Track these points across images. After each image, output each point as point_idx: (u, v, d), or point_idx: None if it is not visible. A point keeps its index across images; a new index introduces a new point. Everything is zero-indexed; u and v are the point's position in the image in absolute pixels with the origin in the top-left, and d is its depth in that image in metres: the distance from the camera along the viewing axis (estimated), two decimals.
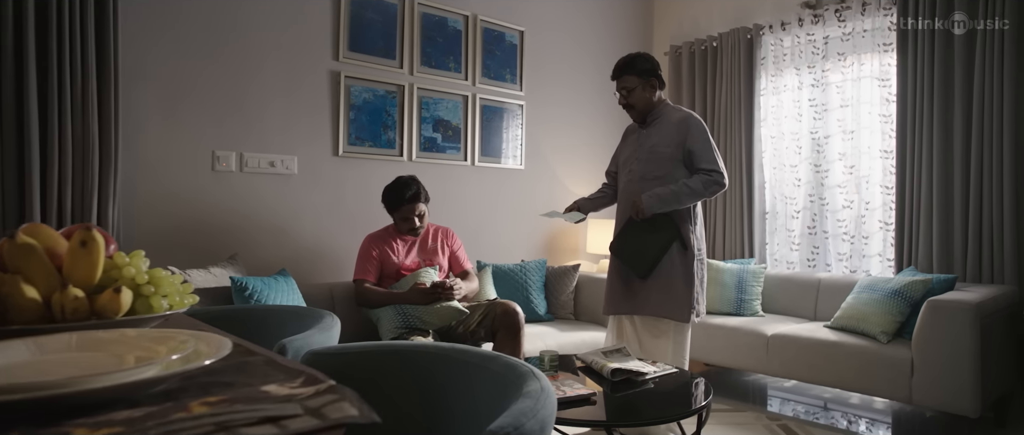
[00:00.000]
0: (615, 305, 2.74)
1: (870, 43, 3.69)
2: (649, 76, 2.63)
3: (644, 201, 2.53)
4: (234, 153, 2.96)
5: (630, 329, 2.73)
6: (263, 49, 3.03)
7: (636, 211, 2.56)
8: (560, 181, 4.23)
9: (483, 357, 1.01)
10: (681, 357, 2.65)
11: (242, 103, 2.98)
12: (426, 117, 3.62)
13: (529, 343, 3.00)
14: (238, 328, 1.36)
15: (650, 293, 2.60)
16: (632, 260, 2.62)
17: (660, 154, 2.60)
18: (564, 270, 3.59)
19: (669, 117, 2.64)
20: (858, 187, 3.73)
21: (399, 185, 2.90)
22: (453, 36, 3.71)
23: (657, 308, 2.60)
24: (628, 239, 2.64)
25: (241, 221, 2.98)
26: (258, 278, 2.54)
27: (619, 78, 2.67)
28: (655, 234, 2.58)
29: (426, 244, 3.03)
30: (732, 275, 3.71)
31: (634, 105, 2.66)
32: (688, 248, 2.60)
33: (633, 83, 2.64)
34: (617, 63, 2.70)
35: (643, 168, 2.64)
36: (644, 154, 2.65)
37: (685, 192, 2.53)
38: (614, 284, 2.75)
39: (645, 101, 2.65)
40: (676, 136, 2.58)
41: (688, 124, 2.59)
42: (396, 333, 2.69)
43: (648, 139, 2.66)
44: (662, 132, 2.62)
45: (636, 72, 2.63)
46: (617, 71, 2.69)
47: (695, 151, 2.56)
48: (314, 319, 1.38)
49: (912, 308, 2.92)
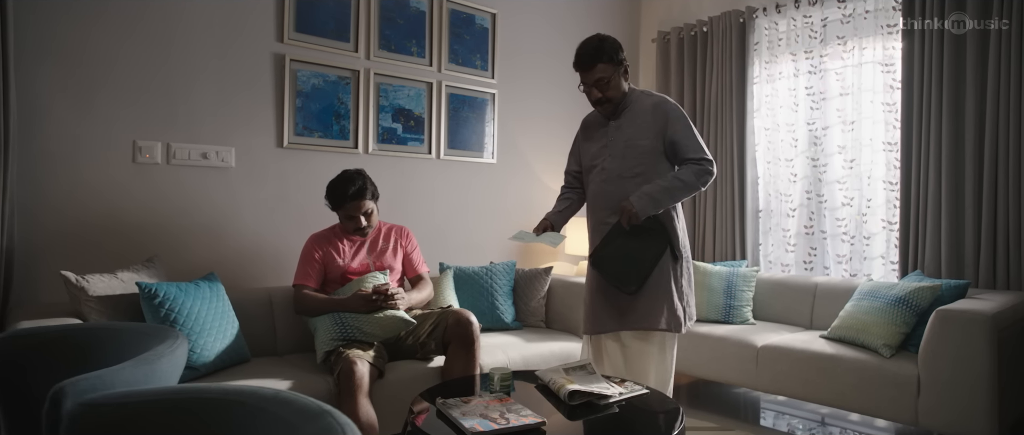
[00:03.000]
0: (600, 324, 2.31)
1: (873, 25, 3.37)
2: (620, 60, 2.24)
3: (635, 203, 2.15)
4: (159, 143, 2.65)
5: (614, 347, 2.32)
6: (194, 26, 2.72)
7: (627, 215, 2.16)
8: (537, 176, 3.92)
9: (276, 402, 0.71)
10: (667, 373, 2.31)
11: (170, 87, 2.67)
12: (385, 106, 3.30)
13: (489, 355, 2.69)
14: (65, 353, 1.05)
15: (636, 303, 2.23)
16: (621, 276, 2.22)
17: (638, 148, 2.24)
18: (535, 274, 3.27)
19: (640, 104, 2.28)
20: (859, 183, 3.41)
21: (342, 180, 2.59)
22: (415, 18, 3.40)
23: (645, 319, 2.22)
24: (611, 250, 2.23)
25: (166, 220, 2.67)
26: (175, 284, 2.23)
27: (590, 68, 2.21)
28: (643, 242, 2.20)
29: (376, 245, 2.72)
30: (721, 279, 3.39)
31: (611, 98, 2.25)
32: (678, 254, 2.27)
33: (608, 71, 2.20)
34: (582, 50, 2.22)
35: (619, 166, 2.26)
36: (619, 150, 2.27)
37: (678, 187, 2.18)
38: (596, 301, 2.32)
39: (621, 90, 2.26)
40: (653, 125, 2.23)
41: (665, 110, 2.24)
42: (332, 346, 2.37)
43: (620, 132, 2.28)
44: (637, 123, 2.26)
45: (608, 58, 2.21)
46: (586, 60, 2.21)
47: (679, 141, 2.21)
48: (147, 345, 1.07)
49: (918, 318, 2.60)
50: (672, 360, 2.33)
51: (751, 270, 3.41)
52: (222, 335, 2.28)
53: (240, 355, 2.37)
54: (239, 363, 2.37)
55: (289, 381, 2.21)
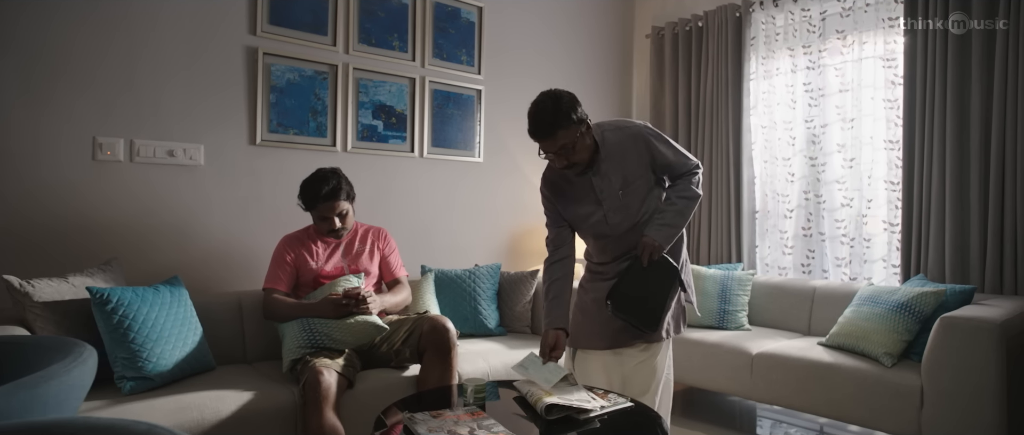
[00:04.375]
0: (591, 340, 2.09)
1: (873, 18, 3.24)
2: (580, 118, 1.88)
3: (656, 236, 1.94)
4: (122, 140, 2.52)
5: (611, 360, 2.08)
6: (160, 16, 2.59)
7: (650, 250, 1.93)
8: (525, 176, 3.78)
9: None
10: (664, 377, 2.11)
11: (133, 81, 2.54)
12: (365, 102, 3.17)
13: (470, 364, 2.56)
14: None
15: None
16: (644, 318, 1.97)
17: (635, 190, 1.99)
18: (520, 277, 3.13)
19: (616, 145, 2.00)
20: (859, 183, 3.27)
21: (316, 179, 2.47)
22: (397, 11, 3.27)
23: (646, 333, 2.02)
24: (630, 291, 1.96)
25: (129, 221, 2.54)
26: (131, 289, 2.10)
27: (551, 137, 1.86)
28: (657, 279, 1.96)
29: (352, 247, 2.59)
30: (715, 282, 3.25)
31: (579, 162, 1.95)
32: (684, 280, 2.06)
33: (571, 136, 1.87)
34: (539, 119, 1.87)
35: (627, 216, 2.00)
36: (617, 201, 2.00)
37: (687, 206, 1.99)
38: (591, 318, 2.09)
39: (587, 148, 1.95)
40: (639, 159, 1.99)
41: (644, 140, 1.99)
42: (299, 354, 2.24)
43: (608, 182, 2.00)
44: (624, 164, 1.99)
45: (568, 120, 1.85)
46: (546, 129, 1.86)
47: (670, 163, 2.00)
48: (47, 361, 0.93)
49: (921, 325, 2.46)
50: (668, 362, 2.16)
51: (747, 274, 3.28)
52: (182, 343, 2.15)
53: (203, 363, 2.24)
54: (202, 372, 2.24)
55: (252, 392, 2.08)
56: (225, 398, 2.01)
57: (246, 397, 2.05)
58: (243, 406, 2.01)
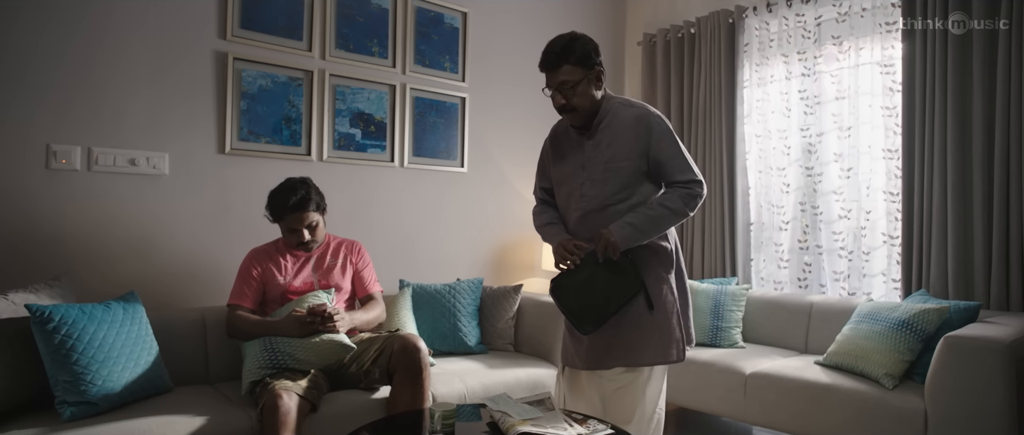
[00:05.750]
0: (571, 358, 1.99)
1: (870, 23, 3.12)
2: (593, 64, 1.89)
3: (616, 233, 1.83)
4: (78, 148, 2.39)
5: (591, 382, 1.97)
6: (122, 18, 2.47)
7: (608, 247, 1.83)
8: (512, 187, 3.65)
9: None
10: (653, 410, 1.95)
11: (91, 86, 2.42)
12: (342, 109, 3.05)
13: (445, 385, 2.42)
14: None
15: (622, 334, 1.89)
16: (581, 314, 1.88)
17: (620, 170, 1.89)
18: (503, 292, 2.99)
19: (620, 118, 1.92)
20: (857, 193, 3.14)
21: (283, 189, 2.34)
22: (377, 15, 3.15)
23: (632, 354, 1.88)
24: (578, 280, 1.88)
25: (85, 233, 2.41)
26: (77, 306, 1.96)
27: (554, 68, 1.88)
28: (614, 280, 1.85)
29: (323, 261, 2.46)
30: (708, 297, 3.11)
31: (577, 107, 1.90)
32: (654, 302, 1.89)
33: (576, 75, 1.86)
34: (548, 48, 1.89)
35: (601, 191, 1.91)
36: (599, 172, 1.91)
37: (664, 215, 1.85)
38: (572, 334, 1.99)
39: (590, 99, 1.90)
40: (635, 143, 1.89)
41: (648, 125, 1.89)
42: (259, 375, 2.10)
43: (599, 151, 1.93)
44: (618, 140, 1.90)
45: (577, 60, 1.86)
46: (552, 59, 1.87)
47: (665, 161, 1.88)
48: None
49: (924, 344, 2.32)
50: (659, 395, 2.01)
51: (741, 288, 3.14)
52: (133, 363, 2.00)
53: (158, 385, 2.10)
54: (156, 394, 2.09)
55: (205, 417, 1.94)
56: (175, 424, 1.87)
57: (198, 422, 1.91)
58: (194, 432, 1.87)
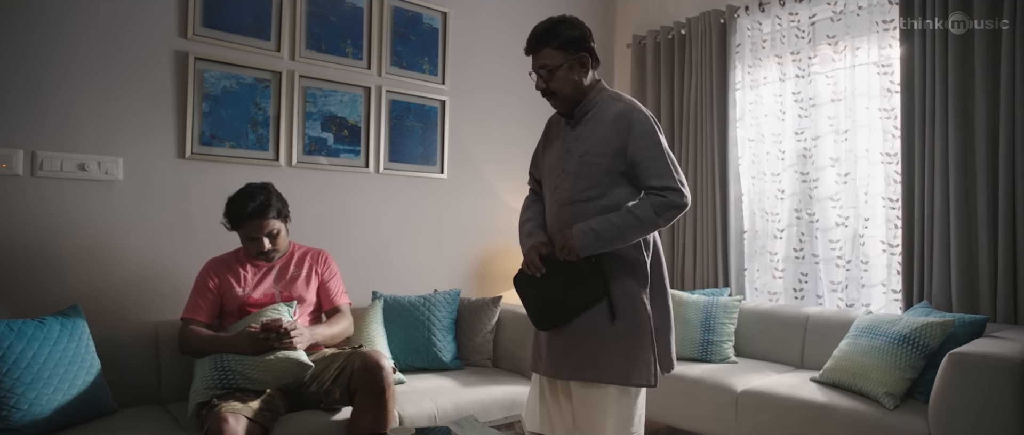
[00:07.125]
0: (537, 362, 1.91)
1: (867, 22, 2.98)
2: (577, 49, 1.82)
3: (576, 237, 1.73)
4: (21, 151, 2.24)
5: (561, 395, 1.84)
6: (71, 12, 2.33)
7: (566, 250, 1.75)
8: (495, 193, 3.50)
9: None
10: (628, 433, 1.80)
11: (37, 86, 2.27)
12: (313, 113, 2.90)
13: (414, 405, 2.26)
14: None
15: (585, 345, 1.76)
16: (540, 308, 1.82)
17: (593, 166, 1.78)
18: (481, 304, 2.84)
19: (605, 110, 1.82)
20: (855, 200, 2.99)
21: (241, 195, 2.20)
22: (351, 15, 3.01)
23: (589, 370, 1.75)
24: (541, 278, 1.81)
25: (27, 243, 2.25)
26: (5, 322, 1.81)
27: (536, 50, 1.85)
28: (574, 284, 1.76)
29: (286, 272, 2.31)
30: (698, 309, 2.96)
31: (557, 92, 1.83)
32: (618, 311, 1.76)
33: (556, 59, 1.81)
34: (533, 31, 1.86)
35: (573, 186, 1.81)
36: (573, 165, 1.82)
37: (632, 224, 1.71)
38: (540, 336, 1.91)
39: (573, 85, 1.82)
40: (613, 140, 1.77)
41: (628, 121, 1.77)
42: (207, 396, 1.93)
43: (578, 143, 1.83)
44: (596, 134, 1.80)
45: (559, 43, 1.80)
46: (533, 40, 1.85)
47: (641, 163, 1.75)
48: None
49: (927, 361, 2.16)
50: (635, 416, 1.85)
51: (733, 300, 2.98)
52: (69, 384, 1.85)
53: (98, 407, 1.94)
54: (96, 417, 1.94)
55: None
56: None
57: None
58: None
